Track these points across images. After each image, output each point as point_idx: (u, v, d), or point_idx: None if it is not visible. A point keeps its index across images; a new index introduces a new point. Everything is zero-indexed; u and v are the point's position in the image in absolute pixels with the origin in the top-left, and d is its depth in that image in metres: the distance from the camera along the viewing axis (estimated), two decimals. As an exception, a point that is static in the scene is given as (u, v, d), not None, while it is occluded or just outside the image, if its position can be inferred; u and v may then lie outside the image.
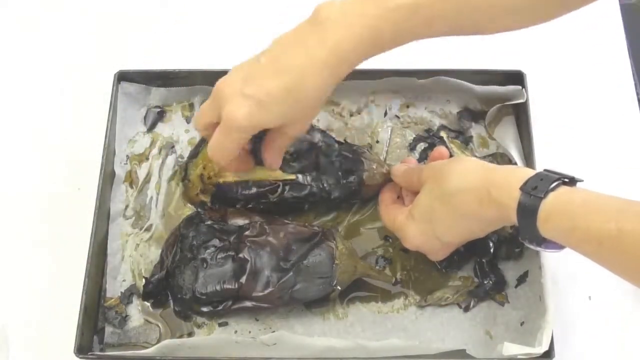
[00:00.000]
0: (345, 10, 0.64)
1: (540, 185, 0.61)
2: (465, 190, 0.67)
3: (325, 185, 0.79)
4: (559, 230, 0.60)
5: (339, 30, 0.63)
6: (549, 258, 0.74)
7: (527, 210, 0.61)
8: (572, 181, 0.62)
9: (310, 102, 0.67)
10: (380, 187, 0.80)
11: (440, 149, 0.78)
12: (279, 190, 0.78)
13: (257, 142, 0.75)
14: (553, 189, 0.61)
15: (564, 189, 0.61)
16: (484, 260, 0.78)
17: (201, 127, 0.71)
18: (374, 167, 0.80)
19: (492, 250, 0.78)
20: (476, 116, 0.86)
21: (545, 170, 0.63)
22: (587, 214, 0.58)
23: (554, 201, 0.60)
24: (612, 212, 0.57)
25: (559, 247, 0.62)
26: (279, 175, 0.78)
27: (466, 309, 0.77)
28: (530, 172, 0.64)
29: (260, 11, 0.98)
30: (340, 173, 0.79)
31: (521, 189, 0.62)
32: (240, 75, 0.66)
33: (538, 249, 0.64)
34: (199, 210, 0.79)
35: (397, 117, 0.87)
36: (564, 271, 0.79)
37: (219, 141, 0.68)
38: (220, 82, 0.68)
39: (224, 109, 0.66)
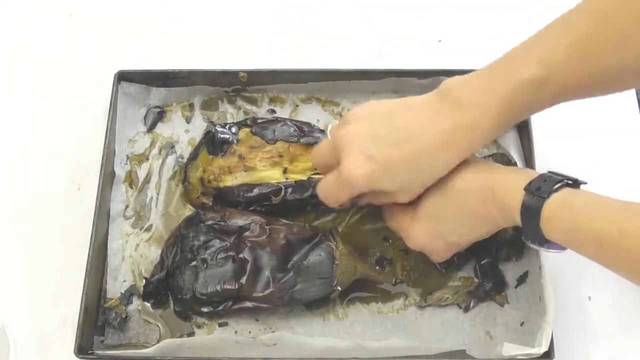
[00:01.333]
0: (477, 88, 0.65)
1: (543, 187, 0.62)
2: (470, 190, 0.68)
3: None
4: (560, 231, 0.61)
5: (472, 111, 0.65)
6: (549, 258, 0.74)
7: (530, 210, 0.62)
8: (575, 183, 0.63)
9: (432, 178, 0.69)
10: None
11: None
12: (282, 192, 0.78)
13: None
14: (556, 190, 0.61)
15: (567, 191, 0.62)
16: (484, 261, 0.78)
17: (318, 166, 0.75)
18: None
19: (493, 252, 0.78)
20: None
21: (549, 172, 0.64)
22: (588, 214, 0.59)
23: (556, 202, 0.61)
24: (614, 213, 0.58)
25: (561, 247, 0.63)
26: (281, 177, 0.78)
27: (466, 310, 0.77)
28: (534, 174, 0.64)
29: (260, 11, 0.98)
30: None
31: (525, 189, 0.63)
32: (367, 130, 0.67)
33: (541, 249, 0.65)
34: (199, 210, 0.79)
35: (397, 117, 0.87)
36: (564, 271, 0.79)
37: (331, 189, 0.71)
38: (344, 132, 0.68)
39: (344, 162, 0.67)
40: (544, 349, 0.69)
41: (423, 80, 0.85)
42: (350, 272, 0.76)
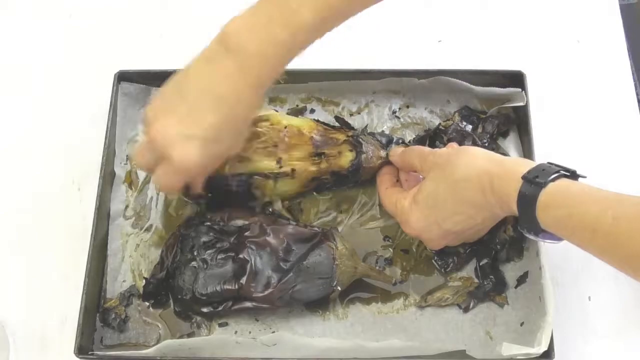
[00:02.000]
0: (256, 38, 0.65)
1: (541, 176, 0.63)
2: (470, 178, 0.68)
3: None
4: (555, 219, 0.62)
5: (256, 62, 0.66)
6: (549, 258, 0.74)
7: (527, 198, 0.63)
8: (573, 175, 0.64)
9: (246, 123, 0.72)
10: (378, 170, 0.81)
11: (453, 145, 0.79)
12: (271, 181, 0.78)
13: None
14: (553, 180, 0.63)
15: (563, 181, 0.63)
16: (485, 262, 0.78)
17: (143, 167, 0.75)
18: (373, 149, 0.80)
19: (493, 253, 0.78)
20: (476, 116, 0.86)
21: (547, 162, 0.65)
22: (583, 202, 0.61)
23: (552, 191, 0.62)
24: (608, 202, 0.60)
25: (556, 238, 0.64)
26: (274, 167, 0.78)
27: (466, 310, 0.77)
28: (532, 163, 0.66)
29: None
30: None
31: (523, 177, 0.64)
32: (172, 117, 0.67)
33: (536, 239, 0.66)
34: (199, 203, 0.80)
35: (397, 117, 0.87)
36: (564, 271, 0.79)
37: (169, 180, 0.70)
38: (154, 131, 0.67)
39: (172, 154, 0.67)
40: (543, 348, 0.69)
41: (423, 80, 0.85)
42: (350, 272, 0.76)
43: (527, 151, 0.82)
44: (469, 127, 0.84)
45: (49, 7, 0.98)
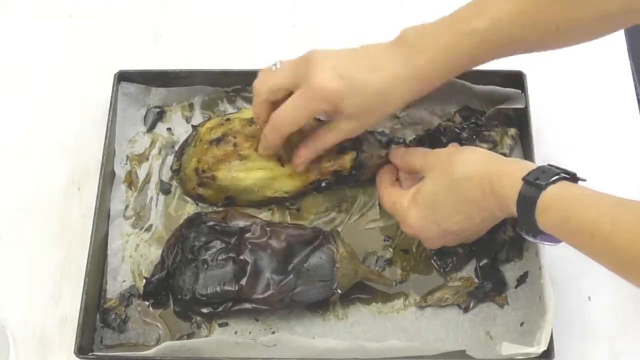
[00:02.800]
0: (425, 36, 0.70)
1: (541, 178, 0.63)
2: (469, 178, 0.69)
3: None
4: (554, 222, 0.62)
5: (420, 56, 0.70)
6: (549, 259, 0.74)
7: (527, 200, 0.63)
8: (573, 177, 0.64)
9: (388, 106, 0.73)
10: (378, 169, 0.81)
11: (454, 145, 0.79)
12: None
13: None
14: (554, 182, 0.62)
15: (563, 183, 0.63)
16: (484, 262, 0.78)
17: (272, 87, 0.73)
18: (373, 148, 0.80)
19: (493, 253, 0.78)
20: (476, 116, 0.86)
21: (548, 164, 0.65)
22: (582, 205, 0.61)
23: (552, 193, 0.62)
24: (607, 206, 0.60)
25: (554, 240, 0.64)
26: (276, 166, 0.79)
27: (466, 310, 0.77)
28: (532, 165, 0.66)
29: (260, 11, 0.98)
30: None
31: (523, 179, 0.64)
32: (335, 56, 0.71)
33: (535, 240, 0.66)
34: (199, 203, 0.80)
35: (397, 117, 0.87)
36: (564, 271, 0.79)
37: (292, 109, 0.72)
38: (315, 51, 0.71)
39: (315, 76, 0.69)
40: (542, 348, 0.69)
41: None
42: (351, 276, 0.76)
43: (527, 152, 0.82)
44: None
45: (49, 7, 0.98)
